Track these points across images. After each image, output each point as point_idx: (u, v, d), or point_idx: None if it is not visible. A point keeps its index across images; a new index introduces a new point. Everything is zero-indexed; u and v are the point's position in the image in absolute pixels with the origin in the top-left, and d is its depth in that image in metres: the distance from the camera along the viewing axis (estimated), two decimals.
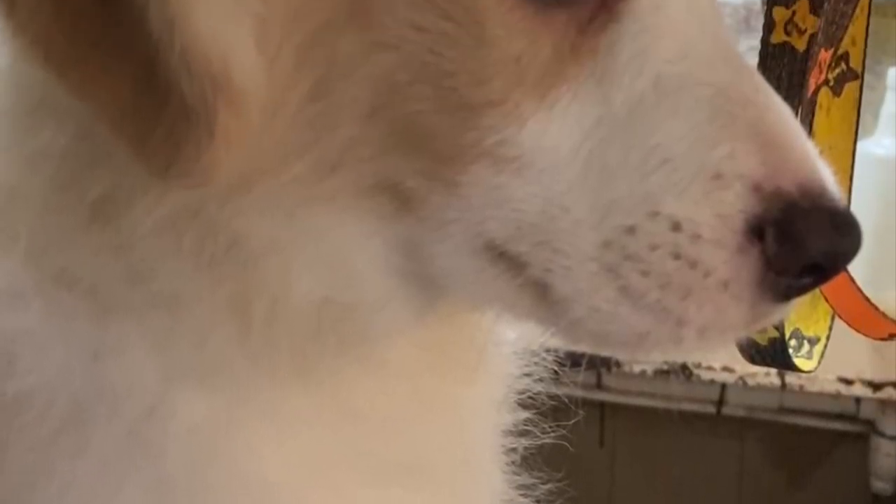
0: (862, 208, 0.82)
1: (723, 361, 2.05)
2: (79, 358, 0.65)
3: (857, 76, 1.58)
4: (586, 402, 1.02)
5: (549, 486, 0.88)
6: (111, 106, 0.59)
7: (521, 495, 0.86)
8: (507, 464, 0.84)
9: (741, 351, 0.97)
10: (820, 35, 1.49)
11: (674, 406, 2.21)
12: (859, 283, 1.01)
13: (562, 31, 0.64)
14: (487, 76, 0.62)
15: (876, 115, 2.05)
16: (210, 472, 0.66)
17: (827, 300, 1.03)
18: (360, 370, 0.70)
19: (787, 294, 0.65)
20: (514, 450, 0.85)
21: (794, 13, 1.50)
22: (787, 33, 1.51)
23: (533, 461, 0.86)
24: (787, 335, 1.00)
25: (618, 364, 2.09)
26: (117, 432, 0.65)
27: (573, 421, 0.92)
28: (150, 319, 0.66)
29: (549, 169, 0.63)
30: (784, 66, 1.52)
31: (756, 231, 0.63)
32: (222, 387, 0.67)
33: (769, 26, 1.53)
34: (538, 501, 0.87)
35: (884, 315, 1.05)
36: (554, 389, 0.86)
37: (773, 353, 1.00)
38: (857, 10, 1.54)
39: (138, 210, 0.63)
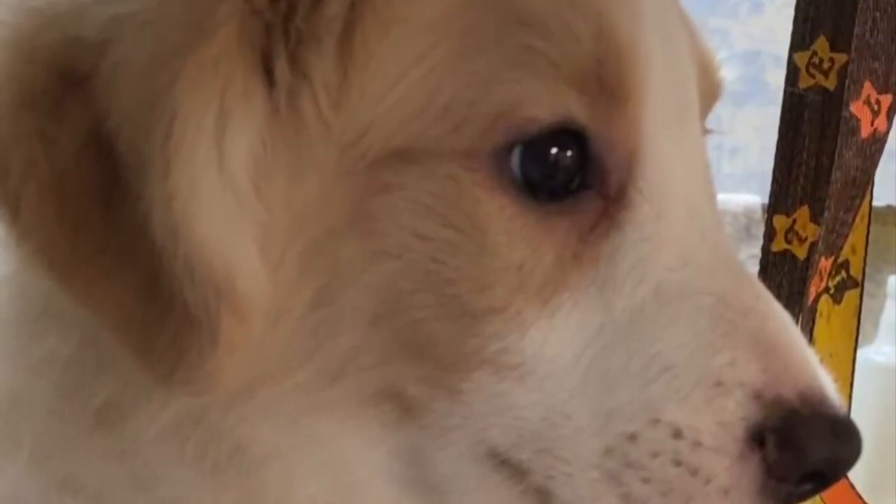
0: (862, 415, 0.82)
1: None
2: None
3: (858, 284, 1.59)
4: None
5: None
6: (115, 313, 0.59)
7: None
8: None
9: None
10: (820, 243, 1.50)
11: None
12: (860, 490, 1.00)
13: (563, 238, 0.65)
14: (490, 283, 0.63)
15: (876, 323, 2.06)
16: None
17: None
18: None
19: (787, 500, 0.65)
20: None
21: (794, 221, 1.52)
22: (788, 241, 1.53)
23: None
24: None
25: None
26: None
27: None
28: None
29: (551, 376, 0.63)
30: (785, 274, 1.53)
31: (757, 438, 0.63)
32: None
33: (770, 234, 1.55)
34: None
35: None
36: None
37: None
38: (858, 219, 1.56)
39: (142, 417, 0.63)
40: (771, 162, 1.57)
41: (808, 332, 1.53)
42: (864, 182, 1.54)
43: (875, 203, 1.65)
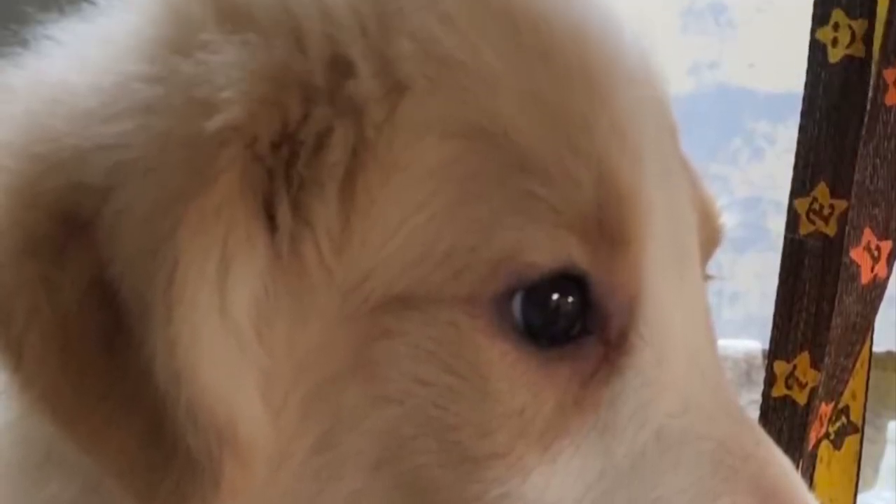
0: None
1: None
2: None
3: (858, 430, 1.58)
4: None
5: None
6: (118, 460, 0.59)
7: None
8: None
9: None
10: (821, 389, 1.50)
11: None
12: None
13: (565, 384, 0.64)
14: (491, 429, 0.63)
15: (876, 469, 2.05)
16: None
17: None
18: None
19: None
20: None
21: (794, 367, 1.52)
22: (788, 387, 1.53)
23: None
24: None
25: None
26: None
27: None
28: None
29: None
30: (785, 420, 1.53)
31: None
32: None
33: (770, 380, 1.55)
34: None
35: None
36: None
37: None
38: (858, 364, 1.56)
39: None
40: (771, 308, 1.57)
41: (809, 477, 1.52)
42: (865, 328, 1.54)
43: (875, 349, 1.65)
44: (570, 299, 0.64)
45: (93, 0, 0.69)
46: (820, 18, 1.54)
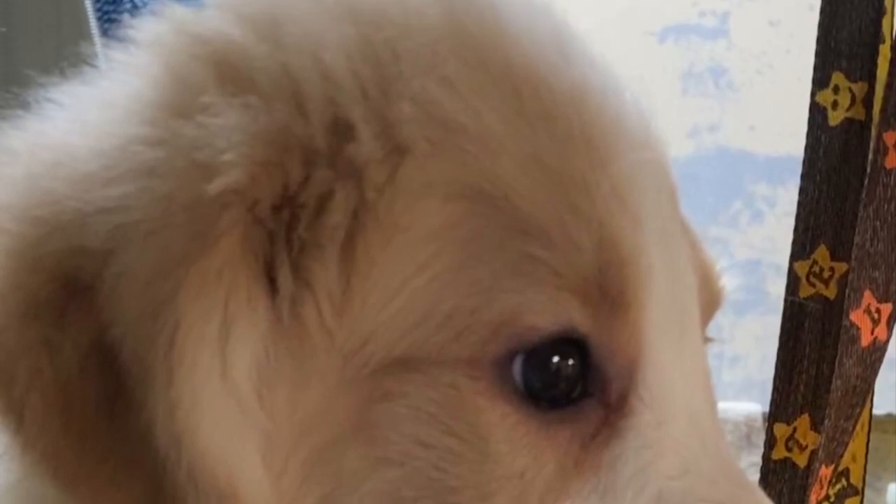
0: None
1: None
2: None
3: (858, 492, 1.58)
4: None
5: None
6: None
7: None
8: None
9: None
10: (821, 451, 1.50)
11: None
12: None
13: (565, 446, 0.64)
14: (491, 491, 0.63)
15: None
16: None
17: None
18: None
19: None
20: None
21: (795, 429, 1.51)
22: (789, 449, 1.52)
23: None
24: None
25: None
26: None
27: None
28: None
29: None
30: (785, 482, 1.52)
31: None
32: None
33: (770, 442, 1.54)
34: None
35: None
36: None
37: None
38: (858, 427, 1.56)
39: None
40: (771, 370, 1.57)
41: None
42: (865, 391, 1.54)
43: (875, 411, 1.64)
44: (571, 362, 0.64)
45: (94, 63, 0.69)
46: (820, 81, 1.55)
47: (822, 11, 1.52)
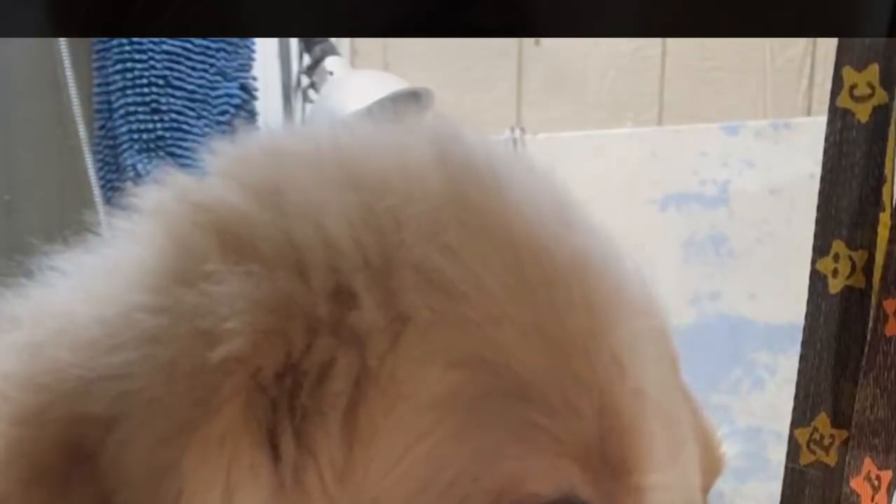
0: None
1: None
2: None
3: None
4: None
5: None
6: None
7: None
8: None
9: None
10: None
11: None
12: None
13: None
14: None
15: None
16: None
17: None
18: None
19: None
20: None
21: None
22: None
23: None
24: None
25: None
26: None
27: None
28: None
29: None
30: None
31: None
32: None
33: None
34: None
35: None
36: None
37: None
38: None
39: None
40: None
41: None
42: None
43: None
44: None
45: (97, 231, 0.70)
46: (821, 249, 1.55)
47: (823, 180, 1.53)
